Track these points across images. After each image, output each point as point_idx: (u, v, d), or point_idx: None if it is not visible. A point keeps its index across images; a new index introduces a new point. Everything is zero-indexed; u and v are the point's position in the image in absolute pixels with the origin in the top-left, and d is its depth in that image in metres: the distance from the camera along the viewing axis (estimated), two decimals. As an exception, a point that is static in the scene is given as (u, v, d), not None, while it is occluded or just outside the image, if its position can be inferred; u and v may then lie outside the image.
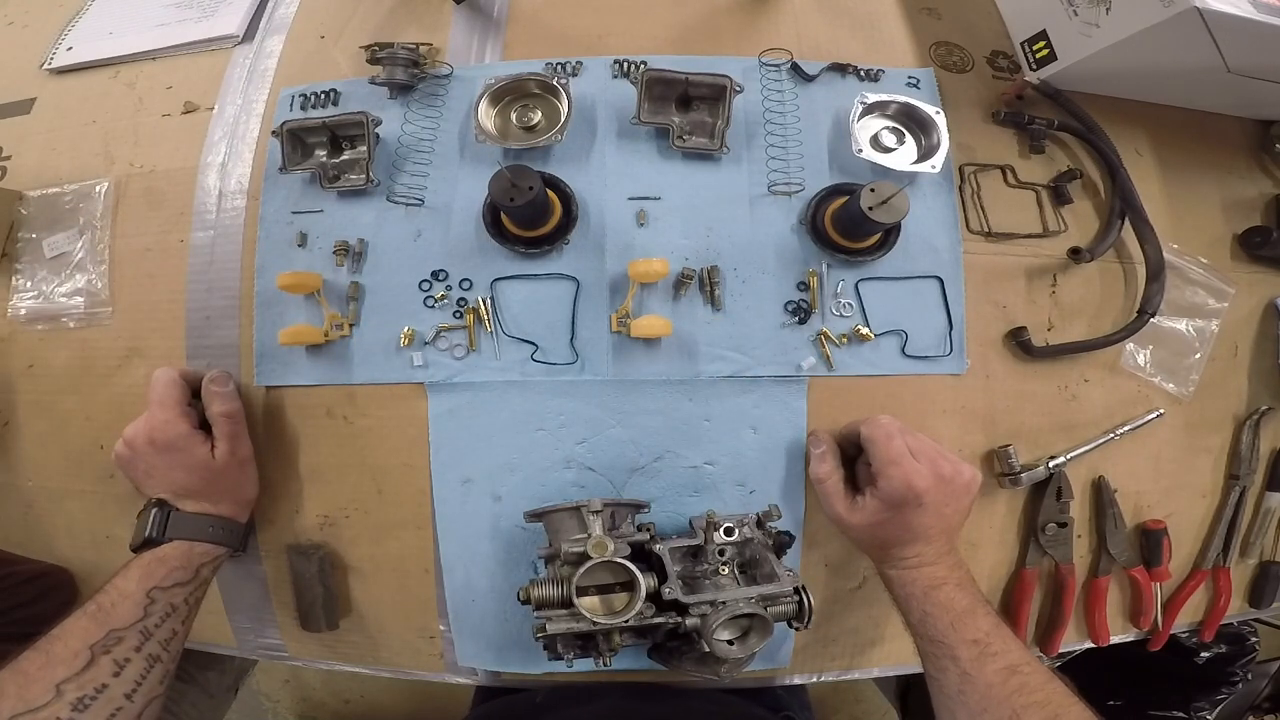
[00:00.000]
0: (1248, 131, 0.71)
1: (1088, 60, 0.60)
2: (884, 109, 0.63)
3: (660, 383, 0.60)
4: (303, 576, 0.61)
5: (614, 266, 0.60)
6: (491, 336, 0.59)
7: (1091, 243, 0.63)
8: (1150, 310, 0.61)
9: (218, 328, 0.62)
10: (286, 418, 0.62)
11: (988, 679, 0.46)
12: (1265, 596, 0.70)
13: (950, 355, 0.61)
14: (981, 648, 0.48)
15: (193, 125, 0.67)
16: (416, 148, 0.63)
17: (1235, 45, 0.54)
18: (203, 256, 0.63)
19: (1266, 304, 0.68)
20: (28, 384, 0.66)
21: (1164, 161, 0.67)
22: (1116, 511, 0.64)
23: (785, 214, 0.61)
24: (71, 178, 0.67)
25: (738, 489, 0.60)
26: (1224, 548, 0.68)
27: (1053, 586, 0.66)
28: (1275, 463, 0.68)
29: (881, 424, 0.52)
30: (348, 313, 0.60)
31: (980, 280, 0.62)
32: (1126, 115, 0.67)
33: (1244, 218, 0.69)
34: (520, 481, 0.60)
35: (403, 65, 0.62)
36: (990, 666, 0.47)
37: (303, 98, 0.65)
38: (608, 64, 0.64)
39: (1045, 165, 0.65)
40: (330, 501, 0.62)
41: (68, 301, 0.65)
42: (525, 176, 0.53)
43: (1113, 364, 0.64)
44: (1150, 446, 0.65)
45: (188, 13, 0.71)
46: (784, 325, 0.60)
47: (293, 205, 0.63)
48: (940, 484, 0.50)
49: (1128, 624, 0.69)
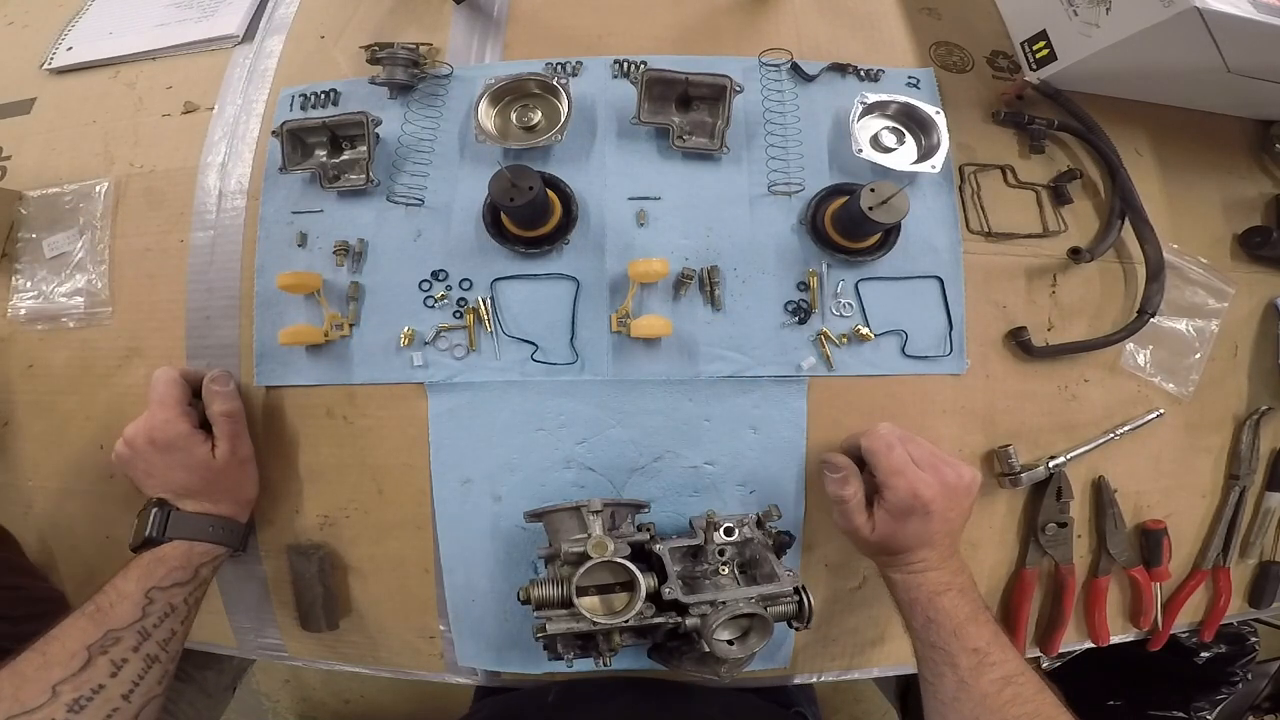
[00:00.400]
0: (1248, 131, 0.71)
1: (1088, 60, 0.60)
2: (884, 109, 0.63)
3: (660, 383, 0.59)
4: (303, 576, 0.61)
5: (614, 266, 0.60)
6: (491, 336, 0.59)
7: (1091, 243, 0.63)
8: (1150, 310, 0.61)
9: (218, 328, 0.62)
10: (286, 418, 0.61)
11: (984, 688, 0.47)
12: (1265, 596, 0.70)
13: (950, 355, 0.61)
14: (980, 657, 0.48)
15: (193, 125, 0.66)
16: (416, 148, 0.63)
17: (1235, 45, 0.54)
18: (203, 256, 0.63)
19: (1266, 304, 0.68)
20: (28, 384, 0.65)
21: (1164, 161, 0.67)
22: (1116, 511, 0.64)
23: (785, 214, 0.61)
24: (71, 178, 0.67)
25: (738, 489, 0.60)
26: (1224, 548, 0.68)
27: (1053, 586, 0.65)
28: (1275, 463, 0.68)
29: (881, 435, 0.52)
30: (348, 313, 0.60)
31: (980, 280, 0.61)
32: (1126, 115, 0.67)
33: (1244, 218, 0.69)
34: (520, 481, 0.60)
35: (403, 65, 0.62)
36: (987, 676, 0.47)
37: (303, 98, 0.65)
38: (608, 64, 0.64)
39: (1045, 165, 0.65)
40: (330, 501, 0.62)
41: (68, 301, 0.64)
42: (525, 176, 0.53)
43: (1113, 364, 0.64)
44: (1150, 446, 0.65)
45: (188, 13, 0.71)
46: (784, 325, 0.60)
47: (293, 205, 0.62)
48: (945, 490, 0.50)
49: (1128, 624, 0.69)
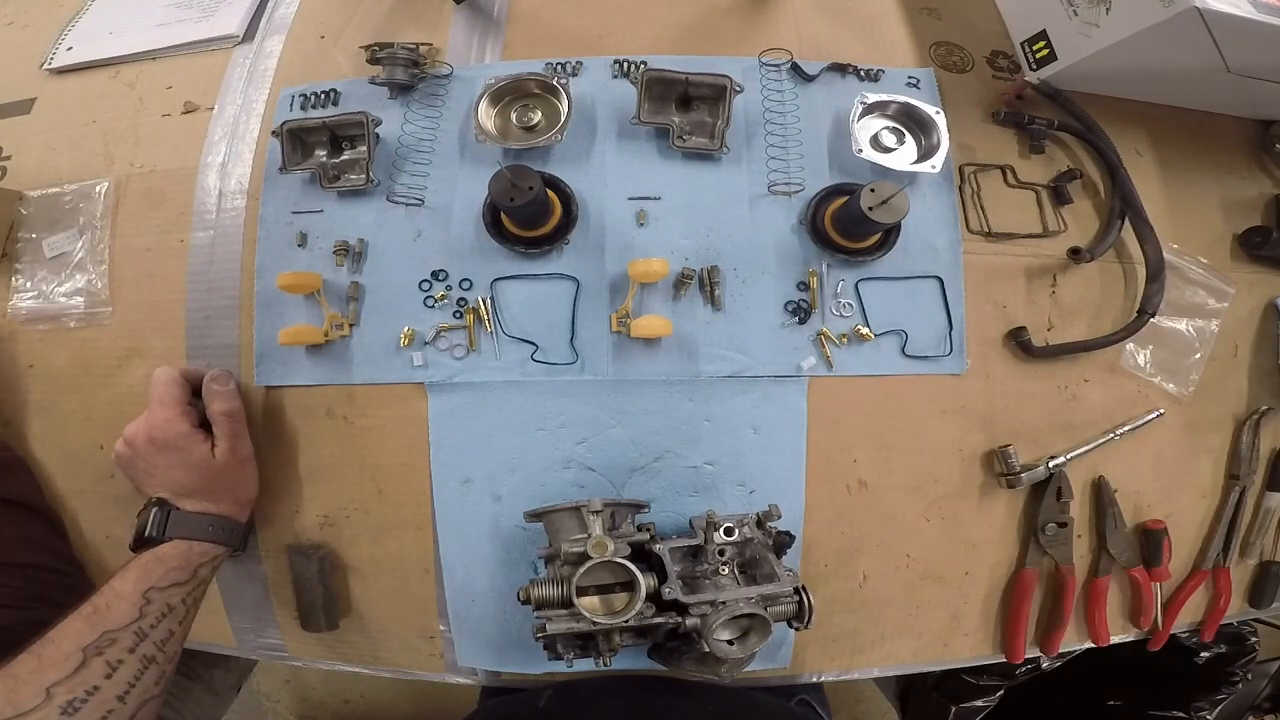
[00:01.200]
0: (1247, 131, 0.70)
1: (1088, 60, 0.60)
2: (884, 109, 0.62)
3: (660, 383, 0.59)
4: (303, 576, 0.61)
5: (614, 266, 0.59)
6: (491, 336, 0.59)
7: (1091, 243, 0.62)
8: (1150, 310, 0.61)
9: (218, 328, 0.62)
10: (286, 418, 0.61)
11: None
12: (1265, 596, 0.70)
13: (950, 355, 0.60)
14: None
15: (193, 125, 0.66)
16: (416, 148, 0.62)
17: (1235, 45, 0.54)
18: (203, 256, 0.63)
19: (1266, 304, 0.68)
20: (28, 384, 0.65)
21: (1164, 161, 0.67)
22: (1116, 511, 0.63)
23: (785, 214, 0.61)
24: (71, 178, 0.67)
25: (738, 489, 0.60)
26: (1224, 548, 0.67)
27: (1053, 586, 0.65)
28: (1275, 463, 0.68)
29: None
30: (348, 313, 0.60)
31: (980, 280, 0.61)
32: (1126, 115, 0.66)
33: (1244, 218, 0.68)
34: (520, 481, 0.59)
35: (403, 65, 0.62)
36: None
37: (303, 98, 0.65)
38: (608, 64, 0.64)
39: (1045, 165, 0.65)
40: (330, 501, 0.61)
41: (68, 301, 0.64)
42: (525, 176, 0.53)
43: (1113, 364, 0.64)
44: (1150, 446, 0.65)
45: (188, 13, 0.71)
46: (784, 325, 0.59)
47: (293, 205, 0.62)
48: None
49: (1128, 624, 0.68)
